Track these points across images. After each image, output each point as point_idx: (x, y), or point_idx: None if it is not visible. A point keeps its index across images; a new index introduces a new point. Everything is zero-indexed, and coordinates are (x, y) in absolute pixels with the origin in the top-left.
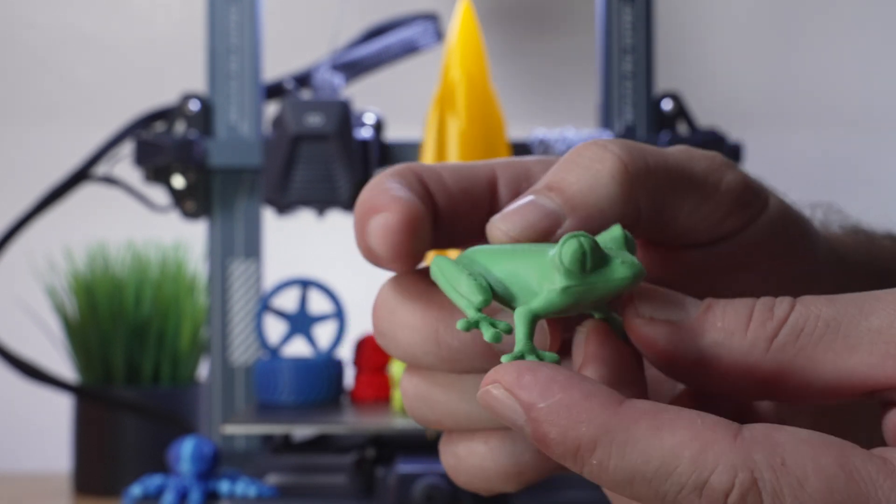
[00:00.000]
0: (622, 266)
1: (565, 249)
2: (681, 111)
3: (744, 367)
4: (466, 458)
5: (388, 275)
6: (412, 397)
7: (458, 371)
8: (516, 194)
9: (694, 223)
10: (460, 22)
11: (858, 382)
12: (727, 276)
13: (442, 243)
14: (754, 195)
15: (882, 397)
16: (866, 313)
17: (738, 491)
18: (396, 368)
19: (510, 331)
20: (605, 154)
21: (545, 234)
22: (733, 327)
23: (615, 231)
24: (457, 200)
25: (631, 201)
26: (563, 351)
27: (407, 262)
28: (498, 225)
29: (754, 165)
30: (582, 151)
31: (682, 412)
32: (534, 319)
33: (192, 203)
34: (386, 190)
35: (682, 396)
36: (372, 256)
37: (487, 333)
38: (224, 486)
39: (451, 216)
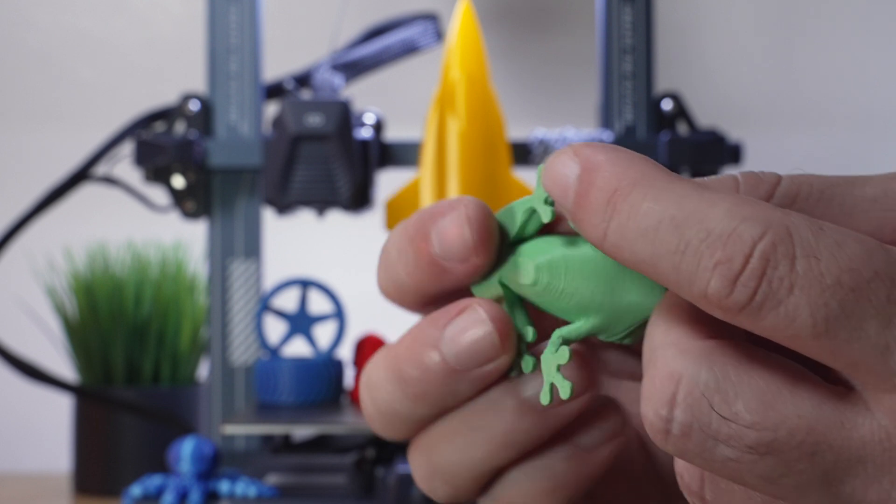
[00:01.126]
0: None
1: None
2: (681, 111)
3: None
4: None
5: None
6: (424, 476)
7: (439, 407)
8: None
9: None
10: (460, 22)
11: None
12: None
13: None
14: None
15: None
16: (859, 185)
17: (769, 239)
18: None
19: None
20: None
21: None
22: (721, 186)
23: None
24: None
25: None
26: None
27: (489, 252)
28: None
29: (754, 165)
30: None
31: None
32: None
33: (192, 203)
34: (436, 208)
35: None
36: (437, 268)
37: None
38: (224, 486)
39: None
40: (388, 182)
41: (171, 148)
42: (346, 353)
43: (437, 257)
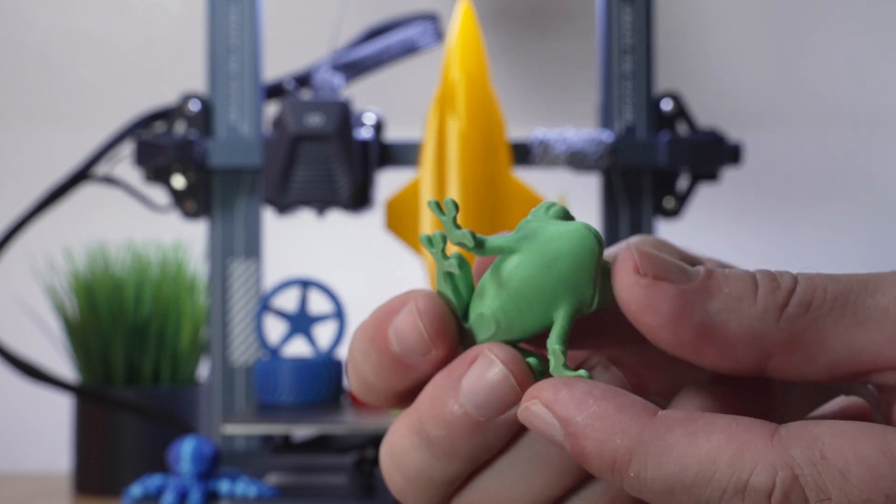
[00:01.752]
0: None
1: None
2: (681, 111)
3: (752, 335)
4: None
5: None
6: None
7: (472, 462)
8: None
9: None
10: (460, 22)
11: (867, 360)
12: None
13: None
14: None
15: (884, 379)
16: (871, 291)
17: (780, 490)
18: None
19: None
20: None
21: None
22: (741, 292)
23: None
24: None
25: None
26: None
27: (448, 340)
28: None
29: (754, 165)
30: None
31: (716, 417)
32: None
33: (192, 203)
34: (390, 308)
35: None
36: (396, 361)
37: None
38: (224, 486)
39: None
40: (388, 182)
41: (171, 148)
42: (346, 353)
43: (399, 356)
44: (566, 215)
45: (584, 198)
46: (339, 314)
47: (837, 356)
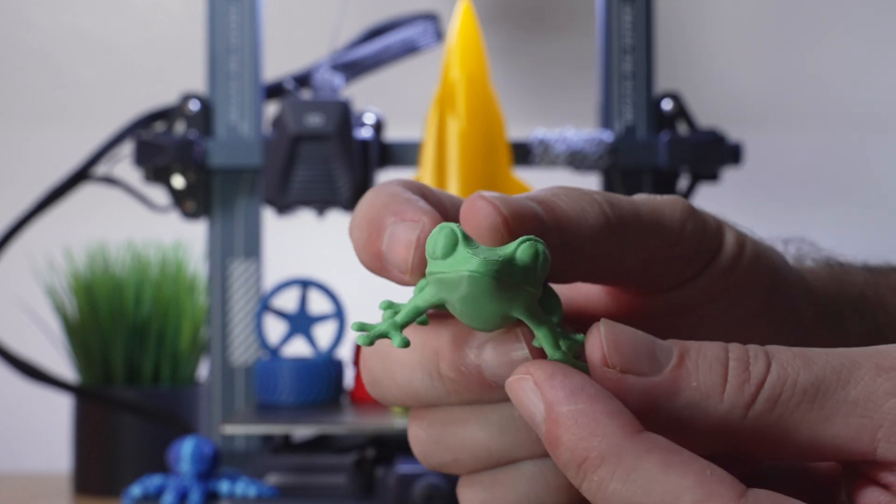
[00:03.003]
0: (472, 259)
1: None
2: (681, 111)
3: (718, 430)
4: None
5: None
6: (424, 442)
7: (466, 402)
8: None
9: (660, 269)
10: (460, 22)
11: (833, 452)
12: (690, 314)
13: None
14: (710, 238)
15: (855, 468)
16: (843, 381)
17: None
18: None
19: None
20: (591, 199)
21: (531, 230)
22: (709, 388)
23: (526, 243)
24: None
25: (612, 249)
26: None
27: (421, 275)
28: (491, 200)
29: (754, 165)
30: (569, 192)
31: (695, 459)
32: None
33: (192, 203)
34: (407, 200)
35: None
36: (379, 264)
37: (396, 340)
38: (224, 486)
39: None
40: None
41: (171, 148)
42: (346, 353)
43: (383, 254)
44: (454, 245)
45: None
46: (338, 314)
47: (803, 448)
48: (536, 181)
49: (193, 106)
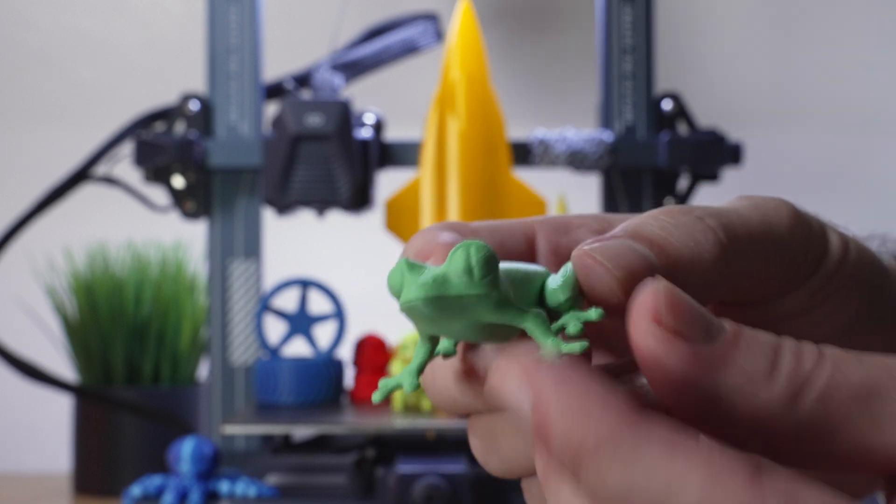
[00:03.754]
0: (408, 288)
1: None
2: (681, 111)
3: (759, 421)
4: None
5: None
6: (480, 451)
7: (496, 409)
8: (557, 245)
9: (766, 279)
10: (460, 22)
11: (876, 462)
12: (791, 322)
13: None
14: (817, 241)
15: (892, 479)
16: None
17: None
18: (396, 368)
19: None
20: (704, 226)
21: (639, 277)
22: (758, 371)
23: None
24: None
25: (724, 275)
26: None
27: None
28: (602, 262)
29: (754, 165)
30: (679, 220)
31: (701, 439)
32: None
33: (192, 203)
34: (441, 243)
35: None
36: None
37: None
38: (224, 486)
39: None
40: (388, 182)
41: (171, 148)
42: (346, 353)
43: None
44: (402, 278)
45: (584, 198)
46: (339, 314)
47: (846, 453)
48: (536, 181)
49: (193, 106)
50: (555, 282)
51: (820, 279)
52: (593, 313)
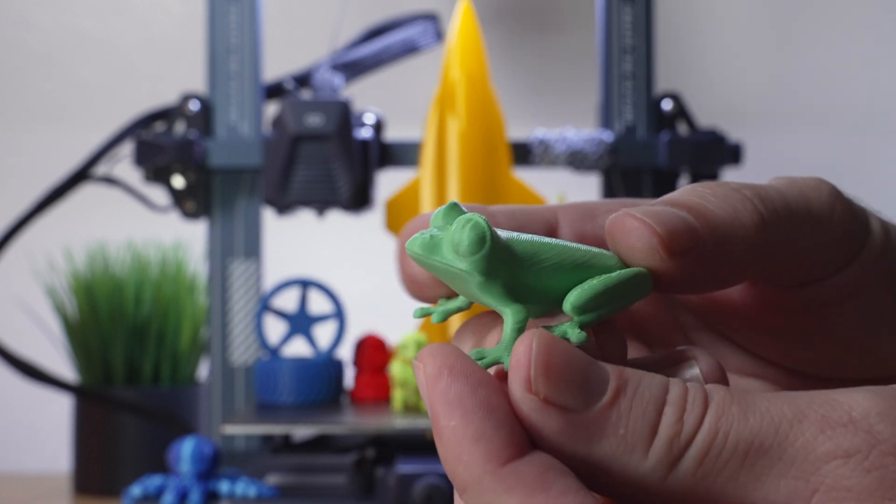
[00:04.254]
0: (419, 239)
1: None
2: (681, 111)
3: (635, 487)
4: None
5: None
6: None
7: None
8: (581, 234)
9: (808, 260)
10: (460, 22)
11: None
12: (831, 309)
13: None
14: (859, 222)
15: None
16: (781, 437)
17: None
18: (396, 368)
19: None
20: (742, 196)
21: (683, 242)
22: (636, 438)
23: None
24: None
25: (764, 247)
26: None
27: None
28: (642, 219)
29: (754, 165)
30: (716, 190)
31: (565, 496)
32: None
33: (192, 203)
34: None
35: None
36: (417, 287)
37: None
38: (224, 486)
39: None
40: (388, 182)
41: (171, 148)
42: (346, 353)
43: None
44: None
45: (584, 198)
46: (339, 314)
47: None
48: (536, 181)
49: (193, 106)
50: (574, 293)
51: (863, 262)
52: (576, 335)
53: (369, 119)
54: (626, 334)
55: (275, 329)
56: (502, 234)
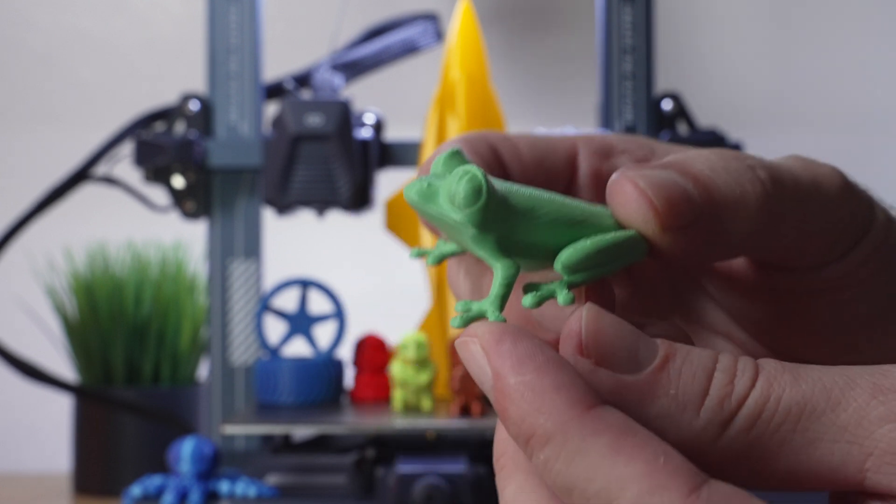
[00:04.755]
0: (416, 186)
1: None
2: (681, 111)
3: (688, 449)
4: None
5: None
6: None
7: None
8: (598, 168)
9: (812, 243)
10: (460, 22)
11: (816, 481)
12: (833, 295)
13: None
14: (865, 209)
15: (843, 496)
16: (834, 403)
17: None
18: (396, 368)
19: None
20: (752, 175)
21: (680, 217)
22: (687, 398)
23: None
24: (532, 172)
25: (767, 228)
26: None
27: None
28: (637, 183)
29: None
30: (730, 164)
31: (650, 441)
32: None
33: (192, 203)
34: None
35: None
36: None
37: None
38: (224, 486)
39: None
40: (388, 182)
41: (171, 148)
42: (346, 353)
43: None
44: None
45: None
46: (339, 314)
47: (782, 475)
48: None
49: (193, 106)
50: (566, 252)
51: (864, 250)
52: (564, 296)
53: (369, 119)
54: (615, 280)
55: (275, 329)
56: (500, 185)
